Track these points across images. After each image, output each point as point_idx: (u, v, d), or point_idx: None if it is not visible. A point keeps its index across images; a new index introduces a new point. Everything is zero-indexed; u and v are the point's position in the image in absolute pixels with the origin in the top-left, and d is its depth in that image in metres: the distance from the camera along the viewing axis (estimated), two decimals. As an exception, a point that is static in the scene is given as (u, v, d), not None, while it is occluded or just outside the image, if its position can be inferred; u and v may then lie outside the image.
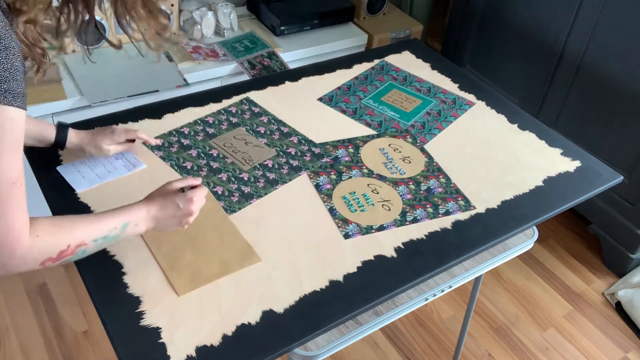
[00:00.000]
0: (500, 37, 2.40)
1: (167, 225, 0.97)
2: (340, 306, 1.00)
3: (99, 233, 0.85)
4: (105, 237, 0.87)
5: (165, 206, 0.95)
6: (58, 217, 0.82)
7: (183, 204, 0.96)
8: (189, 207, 0.96)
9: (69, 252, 0.80)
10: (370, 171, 1.30)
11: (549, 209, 1.25)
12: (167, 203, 0.95)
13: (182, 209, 0.96)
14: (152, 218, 0.94)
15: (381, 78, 1.63)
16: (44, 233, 0.76)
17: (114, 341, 0.91)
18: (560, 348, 1.96)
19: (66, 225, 0.81)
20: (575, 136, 2.14)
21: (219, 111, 1.43)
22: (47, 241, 0.77)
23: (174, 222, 0.97)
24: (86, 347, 1.81)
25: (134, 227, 0.92)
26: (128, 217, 0.90)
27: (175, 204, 0.96)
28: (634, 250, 2.11)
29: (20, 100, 0.67)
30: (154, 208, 0.94)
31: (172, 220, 0.96)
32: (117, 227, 0.88)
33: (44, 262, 0.78)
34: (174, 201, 0.96)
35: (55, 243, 0.78)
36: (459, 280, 1.23)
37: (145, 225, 0.94)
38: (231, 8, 2.29)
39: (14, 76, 0.65)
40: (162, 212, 0.95)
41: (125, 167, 1.23)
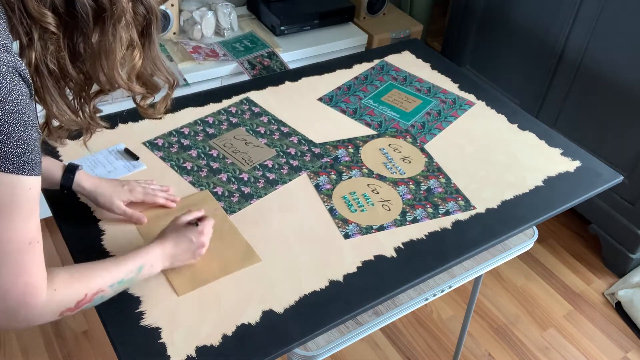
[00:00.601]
0: (500, 37, 2.40)
1: (182, 260, 1.00)
2: (340, 306, 1.00)
3: (114, 279, 0.88)
4: (121, 282, 0.89)
5: (179, 242, 0.99)
6: (74, 267, 0.84)
7: (195, 238, 1.00)
8: (200, 240, 1.00)
9: (86, 301, 0.83)
10: (370, 171, 1.30)
11: (549, 209, 1.25)
12: (180, 239, 0.99)
13: (194, 242, 1.00)
14: (167, 256, 0.98)
15: (381, 78, 1.63)
16: (61, 286, 0.79)
17: (114, 341, 0.91)
18: (560, 348, 1.96)
19: (83, 276, 0.84)
20: (575, 136, 2.15)
21: (219, 111, 1.43)
22: (64, 293, 0.79)
23: (187, 255, 1.00)
24: (86, 347, 1.81)
25: (149, 268, 0.94)
26: (143, 259, 0.93)
27: (188, 238, 0.99)
28: (634, 250, 2.11)
29: (38, 168, 0.71)
30: (169, 246, 0.98)
31: (186, 254, 1.00)
32: (133, 271, 0.91)
33: (62, 313, 0.80)
34: (187, 235, 1.00)
35: (72, 294, 0.81)
36: (459, 280, 1.23)
37: (161, 264, 0.97)
38: (231, 8, 2.29)
39: (32, 147, 0.69)
40: (176, 249, 0.99)
41: (125, 168, 1.23)
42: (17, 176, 0.68)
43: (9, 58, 0.66)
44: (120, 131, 1.33)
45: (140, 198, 1.12)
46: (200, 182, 1.22)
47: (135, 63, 0.82)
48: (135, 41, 0.81)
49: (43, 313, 0.77)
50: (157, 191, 1.15)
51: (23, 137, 0.67)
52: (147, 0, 0.79)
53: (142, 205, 1.13)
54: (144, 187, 1.13)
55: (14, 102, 0.66)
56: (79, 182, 1.08)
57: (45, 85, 0.76)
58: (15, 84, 0.67)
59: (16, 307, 0.74)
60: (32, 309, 0.75)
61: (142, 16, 0.80)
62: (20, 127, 0.67)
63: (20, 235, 0.71)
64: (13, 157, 0.67)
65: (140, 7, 0.78)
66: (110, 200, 1.09)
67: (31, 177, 0.70)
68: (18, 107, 0.66)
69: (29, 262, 0.73)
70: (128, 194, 1.11)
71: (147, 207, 1.14)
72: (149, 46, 0.83)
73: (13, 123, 0.66)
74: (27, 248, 0.72)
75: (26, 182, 0.69)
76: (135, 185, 1.13)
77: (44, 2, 0.71)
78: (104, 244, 1.06)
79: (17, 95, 0.67)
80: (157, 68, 0.87)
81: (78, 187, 1.08)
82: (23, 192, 0.69)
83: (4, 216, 0.69)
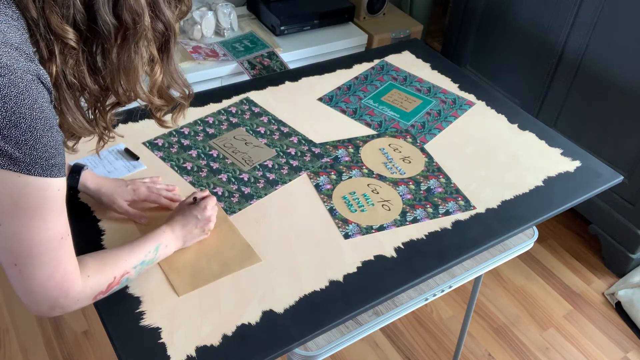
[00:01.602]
0: (500, 37, 2.40)
1: (193, 237, 1.06)
2: (340, 306, 1.00)
3: (137, 260, 0.94)
4: (143, 262, 0.95)
5: (186, 221, 1.04)
6: (100, 253, 0.90)
7: (200, 214, 1.05)
8: (205, 215, 1.05)
9: (115, 283, 0.89)
10: (370, 171, 1.30)
11: (549, 209, 1.25)
12: (186, 218, 1.04)
13: (200, 219, 1.05)
14: (178, 237, 1.03)
15: (381, 78, 1.63)
16: (93, 272, 0.85)
17: (114, 341, 0.91)
18: (560, 348, 1.96)
19: (110, 260, 0.89)
20: (575, 136, 2.15)
21: (219, 111, 1.43)
22: (97, 279, 0.86)
23: (197, 232, 1.05)
24: (86, 347, 1.81)
25: (164, 249, 1.00)
26: (158, 240, 0.98)
27: (193, 215, 1.04)
28: (634, 250, 2.11)
29: (64, 169, 0.75)
30: (177, 226, 1.03)
31: (195, 230, 1.05)
32: (151, 251, 0.96)
33: (96, 297, 0.87)
34: (192, 213, 1.05)
35: (104, 278, 0.87)
36: (459, 280, 1.23)
37: (174, 244, 1.03)
38: (231, 8, 2.29)
39: (58, 151, 0.73)
40: (185, 229, 1.04)
41: (125, 168, 1.23)
42: (47, 179, 0.71)
43: (32, 67, 0.69)
44: (121, 131, 1.33)
45: (143, 198, 1.13)
46: (200, 182, 1.22)
47: (157, 78, 0.86)
48: (155, 57, 0.83)
49: (80, 299, 0.82)
50: (161, 191, 1.15)
51: (50, 141, 0.70)
52: (166, 17, 0.81)
53: (146, 205, 1.13)
54: (148, 187, 1.14)
55: (40, 108, 0.69)
56: (84, 182, 1.10)
57: (63, 96, 0.79)
58: (40, 91, 0.69)
59: (56, 296, 0.79)
60: (71, 295, 0.80)
61: (161, 33, 0.82)
62: (46, 132, 0.70)
63: (53, 232, 0.75)
64: (42, 161, 0.70)
65: (159, 24, 0.81)
66: (112, 199, 1.10)
67: (59, 178, 0.73)
68: (43, 113, 0.69)
69: (64, 255, 0.78)
70: (132, 194, 1.12)
71: (151, 207, 1.14)
72: (167, 61, 0.86)
73: (40, 129, 0.69)
74: (60, 243, 0.77)
75: (55, 184, 0.73)
76: (140, 184, 1.13)
77: (66, 19, 0.73)
78: (104, 243, 1.06)
79: (42, 102, 0.69)
80: (175, 81, 0.90)
81: (82, 187, 1.10)
82: (53, 193, 0.73)
83: (38, 217, 0.73)
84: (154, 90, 0.87)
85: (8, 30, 0.68)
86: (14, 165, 0.68)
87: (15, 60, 0.66)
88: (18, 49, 0.68)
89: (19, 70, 0.66)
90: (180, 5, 0.84)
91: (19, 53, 0.67)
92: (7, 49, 0.66)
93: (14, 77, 0.66)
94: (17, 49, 0.67)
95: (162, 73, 0.86)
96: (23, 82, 0.66)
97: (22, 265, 0.75)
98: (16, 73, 0.66)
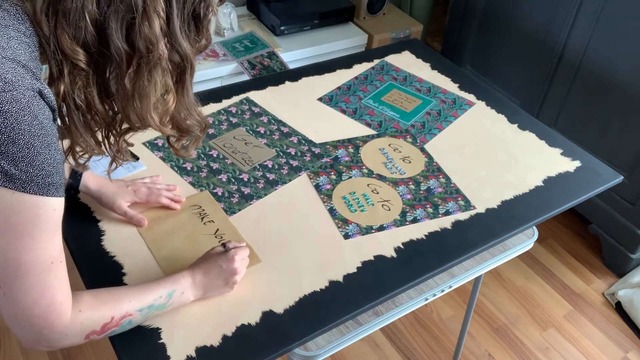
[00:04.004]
0: (500, 37, 2.40)
1: (215, 288, 0.98)
2: (340, 306, 1.00)
3: (144, 303, 0.88)
4: (151, 306, 0.89)
5: (209, 270, 0.97)
6: (101, 290, 0.85)
7: (225, 264, 0.97)
8: (232, 267, 0.98)
9: (113, 324, 0.83)
10: (370, 171, 1.30)
11: (549, 209, 1.25)
12: (210, 266, 0.97)
13: (225, 270, 0.97)
14: (198, 285, 0.96)
15: (381, 78, 1.63)
16: (86, 308, 0.79)
17: (114, 341, 0.91)
18: (560, 348, 1.96)
19: (109, 299, 0.84)
20: (575, 136, 2.14)
21: (219, 111, 1.43)
22: (89, 315, 0.80)
23: (220, 283, 0.98)
24: (86, 347, 1.81)
25: (180, 295, 0.94)
26: (174, 285, 0.93)
27: (217, 265, 0.97)
28: (634, 250, 2.11)
29: (62, 189, 0.72)
30: (199, 274, 0.96)
31: (218, 281, 0.98)
32: (163, 296, 0.90)
33: (88, 336, 0.81)
34: (216, 263, 0.97)
35: (98, 317, 0.81)
36: (459, 280, 1.23)
37: (193, 293, 0.96)
38: (231, 8, 2.29)
39: (57, 169, 0.71)
40: (207, 277, 0.97)
41: (125, 168, 1.23)
42: (42, 197, 0.69)
43: (34, 83, 0.68)
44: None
45: (144, 199, 1.12)
46: (200, 182, 1.22)
47: (169, 107, 0.83)
48: (169, 87, 0.81)
49: (68, 334, 0.78)
50: (162, 191, 1.14)
51: (48, 159, 0.69)
52: (183, 49, 0.78)
53: (146, 205, 1.13)
54: (149, 188, 1.13)
55: (40, 125, 0.67)
56: (85, 182, 1.09)
57: (71, 116, 0.78)
58: (41, 108, 0.68)
59: (41, 326, 0.75)
60: (56, 328, 0.76)
61: (177, 64, 0.80)
62: (45, 149, 0.68)
63: (43, 254, 0.72)
64: (38, 179, 0.68)
65: (175, 56, 0.78)
66: (112, 200, 1.09)
67: (55, 198, 0.71)
68: (43, 130, 0.68)
69: (52, 282, 0.74)
70: (132, 195, 1.11)
71: (151, 207, 1.14)
72: (182, 92, 0.83)
73: (39, 146, 0.67)
74: (50, 267, 0.73)
75: (50, 204, 0.71)
76: (140, 185, 1.13)
77: (77, 40, 0.72)
78: (104, 244, 1.06)
79: (43, 119, 0.68)
80: (190, 113, 0.87)
81: (84, 188, 1.09)
82: (47, 213, 0.71)
83: (29, 236, 0.70)
84: (165, 120, 0.84)
85: (18, 47, 0.68)
86: (9, 182, 0.66)
87: (21, 77, 0.66)
88: (25, 67, 0.67)
89: (22, 87, 0.66)
90: (200, 39, 0.82)
91: (26, 70, 0.67)
92: (14, 65, 0.66)
93: (17, 94, 0.65)
94: (24, 66, 0.67)
95: (174, 103, 0.83)
96: (25, 98, 0.66)
97: (7, 287, 0.71)
98: (19, 90, 0.65)
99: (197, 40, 0.81)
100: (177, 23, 0.76)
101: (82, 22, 0.71)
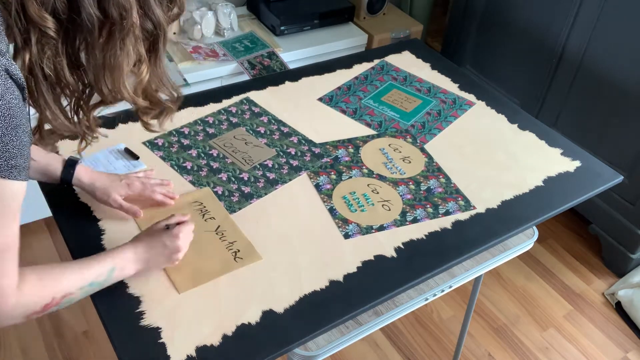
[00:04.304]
0: (500, 37, 2.40)
1: (156, 264, 0.98)
2: (340, 306, 1.00)
3: (84, 281, 0.86)
4: (92, 284, 0.88)
5: (153, 246, 0.96)
6: (43, 269, 0.83)
7: (169, 241, 0.97)
8: (175, 244, 0.97)
9: (53, 304, 0.82)
10: (370, 171, 1.30)
11: (549, 209, 1.25)
12: (154, 242, 0.97)
13: (168, 246, 0.97)
14: (139, 260, 0.95)
15: (381, 78, 1.63)
16: (29, 289, 0.78)
17: (114, 341, 0.91)
18: (560, 348, 1.96)
19: (51, 279, 0.82)
20: (575, 136, 2.14)
21: (219, 111, 1.43)
22: (32, 297, 0.79)
23: (162, 259, 0.98)
24: (86, 347, 1.81)
25: (120, 271, 0.92)
26: (114, 262, 0.91)
27: (161, 242, 0.97)
28: (634, 250, 2.11)
29: (25, 173, 0.70)
30: (141, 249, 0.95)
31: (160, 258, 0.97)
32: (103, 274, 0.89)
33: (29, 316, 0.80)
34: (160, 240, 0.97)
35: (40, 298, 0.80)
36: (459, 280, 1.23)
37: (134, 267, 0.95)
38: (231, 8, 2.29)
39: (21, 152, 0.68)
40: (149, 252, 0.96)
41: (125, 167, 1.23)
42: (4, 180, 0.67)
43: (3, 61, 0.65)
44: (120, 131, 1.33)
45: (138, 192, 1.12)
46: (200, 181, 1.22)
47: (143, 78, 0.82)
48: (143, 56, 0.80)
49: (11, 316, 0.77)
50: (155, 186, 1.14)
51: (13, 141, 0.67)
52: (156, 16, 0.77)
53: (141, 202, 1.13)
54: (143, 182, 1.13)
55: (6, 105, 0.65)
56: (78, 176, 1.07)
57: (39, 89, 0.75)
58: (8, 87, 0.66)
59: None
60: (2, 312, 0.75)
61: (150, 32, 0.78)
62: (10, 130, 0.66)
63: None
64: (1, 160, 0.66)
65: (148, 23, 0.77)
66: (107, 194, 1.08)
67: (17, 182, 0.69)
68: (10, 110, 0.66)
69: (3, 267, 0.72)
70: (126, 188, 1.10)
71: (146, 204, 1.14)
72: (154, 62, 0.82)
73: (3, 127, 0.65)
74: (2, 254, 0.71)
75: (12, 187, 0.69)
76: (134, 179, 1.12)
77: (45, 6, 0.69)
78: (104, 243, 1.06)
79: (10, 98, 0.66)
80: (163, 84, 0.86)
81: (77, 182, 1.08)
82: (7, 197, 0.69)
83: None
84: (138, 91, 0.83)
85: None
86: None
87: None
88: None
89: None
90: (172, 7, 0.81)
91: None
92: None
93: None
94: None
95: (148, 73, 0.82)
96: None
97: None
98: None
99: (169, 8, 0.80)
100: None
101: None
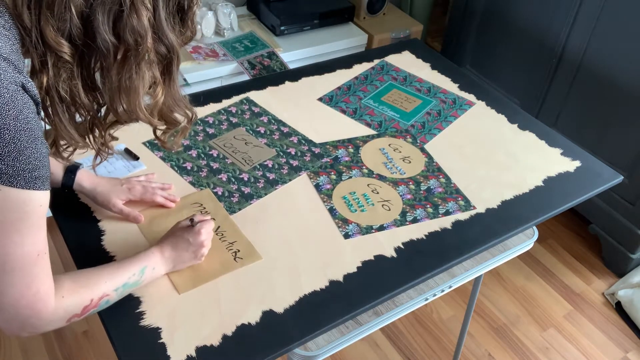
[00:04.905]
0: (500, 37, 2.40)
1: (183, 261, 1.01)
2: (340, 306, 1.00)
3: (118, 282, 0.89)
4: (125, 284, 0.91)
5: (177, 244, 0.99)
6: (79, 273, 0.86)
7: (193, 238, 1.00)
8: (199, 240, 1.00)
9: (92, 306, 0.85)
10: (370, 171, 1.30)
11: (549, 209, 1.25)
12: (177, 240, 1.00)
13: (192, 243, 1.00)
14: (167, 259, 0.99)
15: (381, 78, 1.63)
16: (68, 293, 0.81)
17: (114, 341, 0.91)
18: (560, 348, 1.96)
19: (88, 282, 0.85)
20: (575, 136, 2.14)
21: (219, 111, 1.43)
22: (71, 300, 0.81)
23: (188, 256, 1.01)
24: (86, 347, 1.81)
25: (151, 271, 0.96)
26: (145, 261, 0.95)
27: (185, 239, 1.00)
28: (634, 250, 2.11)
29: (47, 183, 0.73)
30: (167, 249, 0.99)
31: (186, 255, 1.00)
32: (136, 273, 0.93)
33: (70, 319, 0.82)
34: (183, 237, 1.00)
35: (79, 300, 0.83)
36: (459, 280, 1.23)
37: (163, 267, 0.99)
38: (231, 8, 2.29)
39: (42, 163, 0.70)
40: (175, 251, 0.99)
41: (125, 168, 1.23)
42: (29, 191, 0.69)
43: (17, 77, 0.67)
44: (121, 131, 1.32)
45: (139, 197, 1.12)
46: (200, 182, 1.22)
47: (158, 100, 0.84)
48: (157, 79, 0.82)
49: (52, 320, 0.79)
50: (156, 189, 1.14)
51: (34, 153, 0.69)
52: (170, 41, 0.79)
53: (142, 205, 1.13)
54: (143, 186, 1.13)
55: (25, 119, 0.67)
56: (79, 181, 1.08)
57: (55, 109, 0.77)
58: (26, 102, 0.68)
59: (27, 315, 0.76)
60: (43, 316, 0.77)
61: (164, 55, 0.80)
62: (31, 143, 0.68)
63: (30, 249, 0.72)
64: (25, 173, 0.68)
65: (162, 47, 0.79)
66: (108, 199, 1.09)
67: (41, 192, 0.71)
68: (29, 124, 0.68)
69: (39, 273, 0.75)
70: (127, 193, 1.11)
71: (147, 206, 1.14)
72: (169, 84, 0.84)
73: (25, 140, 0.67)
74: (36, 260, 0.74)
75: (37, 198, 0.71)
76: (135, 183, 1.13)
77: (61, 32, 0.71)
78: (104, 244, 1.06)
79: (27, 113, 0.68)
80: (177, 104, 0.88)
81: (78, 187, 1.09)
82: (34, 207, 0.71)
83: (16, 231, 0.70)
84: (154, 112, 0.85)
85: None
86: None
87: (3, 71, 0.65)
88: (7, 60, 0.67)
89: (5, 80, 0.65)
90: (185, 31, 0.83)
91: (8, 64, 0.66)
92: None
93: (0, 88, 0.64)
94: (5, 59, 0.66)
95: (163, 95, 0.84)
96: (9, 92, 0.65)
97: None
98: (2, 83, 0.65)
99: (182, 32, 0.82)
100: (163, 15, 0.77)
101: (67, 14, 0.70)
